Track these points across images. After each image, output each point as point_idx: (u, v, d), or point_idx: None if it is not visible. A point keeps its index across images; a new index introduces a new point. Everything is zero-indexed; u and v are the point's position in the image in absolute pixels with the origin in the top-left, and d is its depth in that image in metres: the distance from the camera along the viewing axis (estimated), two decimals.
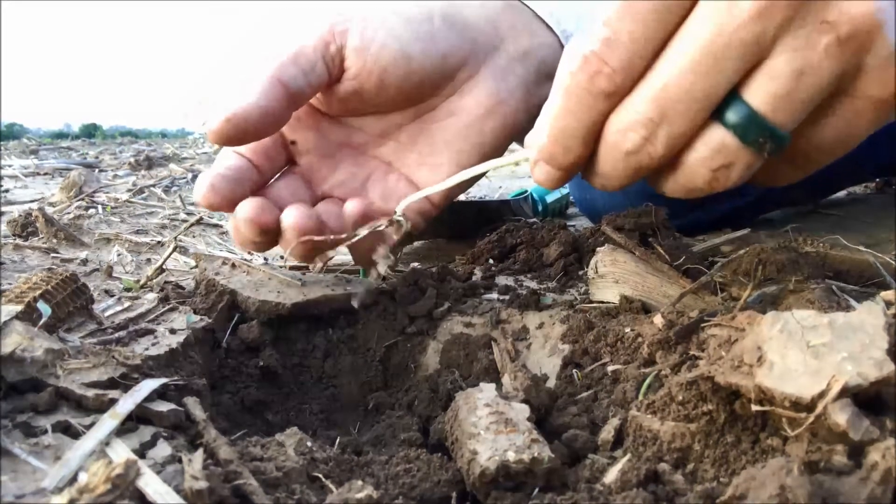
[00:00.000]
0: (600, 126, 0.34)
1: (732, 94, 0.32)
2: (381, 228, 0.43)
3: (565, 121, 0.34)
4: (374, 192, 0.53)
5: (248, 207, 0.46)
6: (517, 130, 0.53)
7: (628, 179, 0.36)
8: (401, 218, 0.43)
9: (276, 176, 0.52)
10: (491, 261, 0.75)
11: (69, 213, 1.04)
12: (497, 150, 0.53)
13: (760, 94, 0.31)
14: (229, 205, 0.46)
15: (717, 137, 0.33)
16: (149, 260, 0.79)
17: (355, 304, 0.43)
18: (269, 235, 0.47)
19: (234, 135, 0.44)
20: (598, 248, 0.57)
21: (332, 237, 0.45)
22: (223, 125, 0.43)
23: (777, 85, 0.30)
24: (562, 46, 0.54)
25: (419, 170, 0.53)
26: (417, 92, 0.50)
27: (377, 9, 0.49)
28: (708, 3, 0.30)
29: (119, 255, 0.78)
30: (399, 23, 0.48)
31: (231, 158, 0.48)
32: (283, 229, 0.46)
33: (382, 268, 0.42)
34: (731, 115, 0.32)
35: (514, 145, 0.55)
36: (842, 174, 0.85)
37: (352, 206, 0.48)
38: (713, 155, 0.33)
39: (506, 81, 0.52)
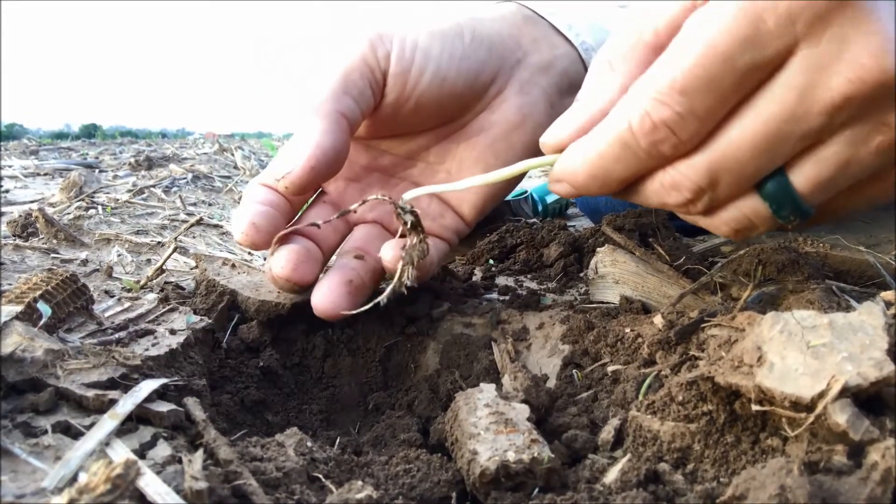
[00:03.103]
0: (645, 174, 0.35)
1: (778, 169, 0.33)
2: (384, 200, 0.40)
3: (612, 167, 0.35)
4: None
5: (284, 262, 0.44)
6: None
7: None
8: (405, 206, 0.39)
9: (307, 205, 0.51)
10: (491, 261, 0.75)
11: (69, 213, 1.04)
12: None
13: (805, 176, 0.32)
14: (268, 242, 0.44)
15: (751, 205, 0.34)
16: (149, 260, 0.79)
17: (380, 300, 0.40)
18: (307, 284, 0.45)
19: (316, 181, 0.42)
20: (598, 249, 0.57)
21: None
22: (308, 174, 0.41)
23: (823, 172, 0.32)
24: (580, 57, 0.54)
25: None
26: (450, 112, 0.50)
27: (412, 25, 0.47)
28: (784, 85, 0.30)
29: (119, 255, 0.78)
30: (434, 43, 0.47)
31: (263, 192, 0.46)
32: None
33: (407, 277, 0.40)
34: (771, 189, 0.33)
35: None
36: None
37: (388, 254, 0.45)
38: (743, 218, 0.35)
39: (531, 95, 0.51)
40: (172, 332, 0.44)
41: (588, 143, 0.35)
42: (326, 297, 0.44)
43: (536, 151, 0.53)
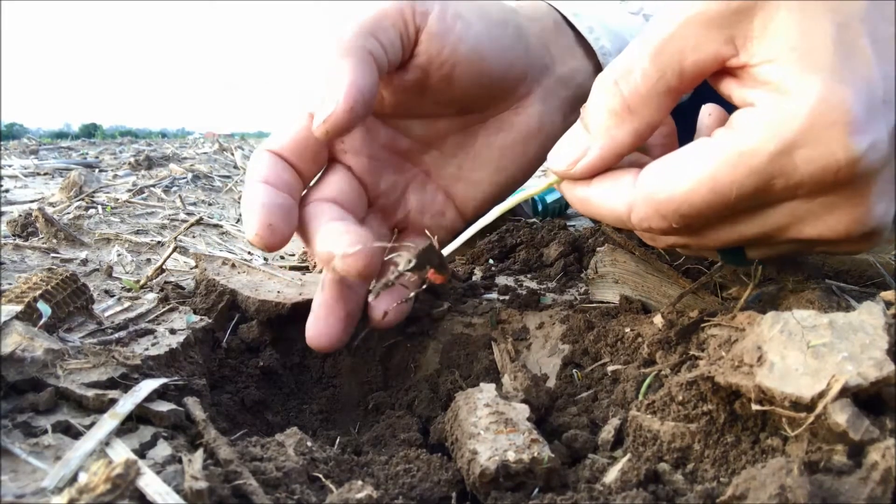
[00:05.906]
0: None
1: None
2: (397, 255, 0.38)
3: (605, 220, 0.38)
4: (412, 202, 0.52)
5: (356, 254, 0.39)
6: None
7: None
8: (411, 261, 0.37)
9: (322, 174, 0.47)
10: (491, 261, 0.75)
11: (69, 213, 1.04)
12: (533, 172, 0.53)
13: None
14: (284, 241, 0.41)
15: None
16: (149, 260, 0.79)
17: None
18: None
19: (354, 121, 0.40)
20: (598, 248, 0.57)
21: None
22: (348, 115, 0.39)
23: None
24: (595, 71, 0.53)
25: (457, 184, 0.52)
26: (480, 97, 0.49)
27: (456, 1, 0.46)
28: (767, 218, 0.34)
29: (119, 255, 0.78)
30: (479, 20, 0.46)
31: (274, 168, 0.42)
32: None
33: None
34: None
35: None
36: None
37: None
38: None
39: (550, 104, 0.51)
40: (172, 331, 0.44)
41: (590, 196, 0.38)
42: (322, 331, 0.44)
43: (543, 160, 0.53)
